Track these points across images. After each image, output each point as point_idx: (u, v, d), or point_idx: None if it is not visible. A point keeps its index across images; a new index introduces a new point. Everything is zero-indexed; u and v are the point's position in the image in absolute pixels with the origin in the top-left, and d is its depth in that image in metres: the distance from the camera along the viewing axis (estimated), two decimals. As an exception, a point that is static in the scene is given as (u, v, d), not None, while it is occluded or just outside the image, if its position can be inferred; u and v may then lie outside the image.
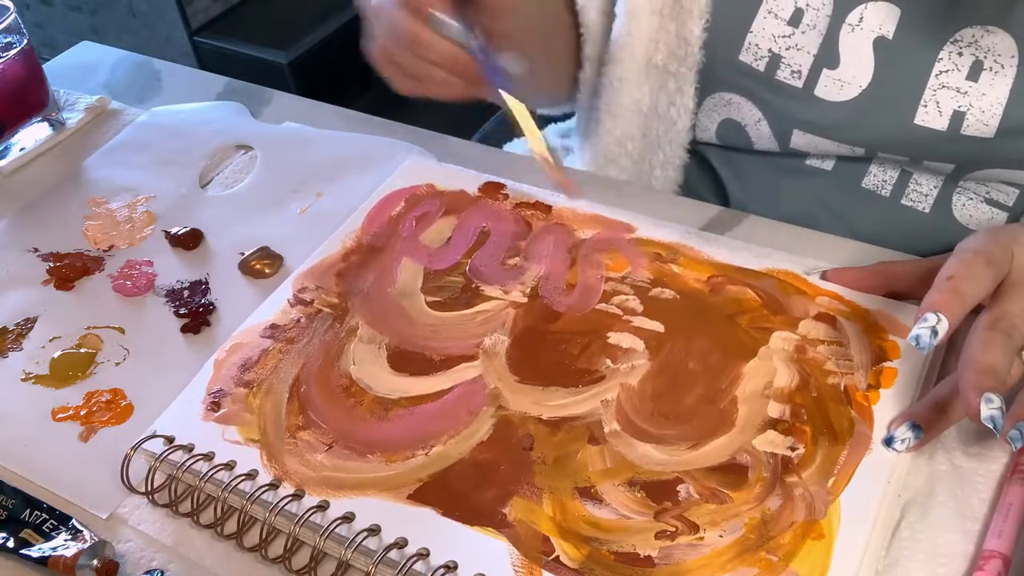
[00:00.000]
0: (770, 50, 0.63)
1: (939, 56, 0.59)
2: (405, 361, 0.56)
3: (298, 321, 0.59)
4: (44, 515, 0.51)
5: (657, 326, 0.56)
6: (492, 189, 0.67)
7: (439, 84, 0.61)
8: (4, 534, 0.50)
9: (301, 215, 0.69)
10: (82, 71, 0.89)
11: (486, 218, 0.65)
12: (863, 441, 0.48)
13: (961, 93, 0.59)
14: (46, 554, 0.49)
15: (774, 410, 0.50)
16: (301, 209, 0.70)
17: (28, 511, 0.51)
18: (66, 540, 0.49)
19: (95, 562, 0.48)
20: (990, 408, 0.43)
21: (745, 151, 0.70)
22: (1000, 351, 0.45)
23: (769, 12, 0.63)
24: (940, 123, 0.60)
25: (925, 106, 0.60)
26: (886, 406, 0.50)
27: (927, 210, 0.65)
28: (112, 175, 0.76)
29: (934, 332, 0.46)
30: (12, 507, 0.52)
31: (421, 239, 0.64)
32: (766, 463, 0.48)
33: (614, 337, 0.55)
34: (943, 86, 0.59)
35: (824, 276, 0.57)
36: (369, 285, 0.61)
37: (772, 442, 0.49)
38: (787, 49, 0.63)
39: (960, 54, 0.59)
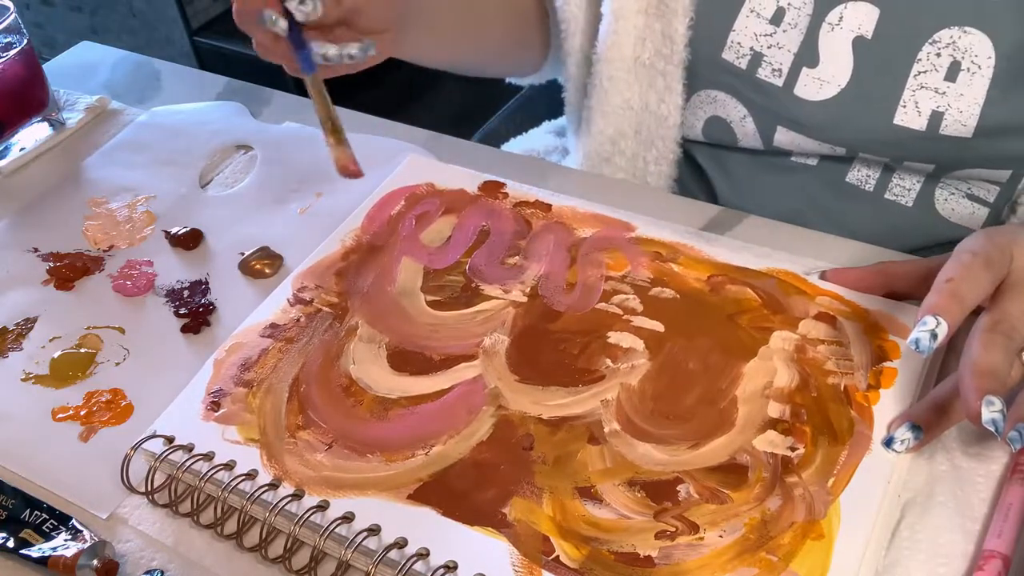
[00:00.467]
0: (752, 48, 0.64)
1: (918, 56, 0.60)
2: (405, 361, 0.56)
3: (298, 320, 0.59)
4: (44, 515, 0.51)
5: (657, 326, 0.56)
6: (492, 188, 0.67)
7: (266, 51, 0.59)
8: (4, 534, 0.50)
9: (301, 215, 0.69)
10: (82, 71, 0.89)
11: (486, 217, 0.65)
12: (863, 441, 0.48)
13: (939, 93, 0.59)
14: (46, 554, 0.49)
15: (774, 410, 0.50)
16: (301, 209, 0.70)
17: (28, 511, 0.51)
18: (66, 540, 0.49)
19: (95, 562, 0.48)
20: (991, 411, 0.43)
21: (731, 148, 0.71)
22: (1000, 353, 0.45)
23: (752, 11, 0.64)
24: (919, 123, 0.60)
25: (904, 106, 0.61)
26: (886, 406, 0.50)
27: (910, 204, 0.66)
28: (112, 175, 0.76)
29: (933, 336, 0.46)
30: (12, 507, 0.52)
31: (421, 238, 0.64)
32: (766, 463, 0.48)
33: (614, 337, 0.55)
34: (921, 86, 0.60)
35: (824, 276, 0.57)
36: (369, 284, 0.61)
37: (772, 442, 0.49)
38: (768, 48, 0.64)
39: (938, 55, 0.59)
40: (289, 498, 0.49)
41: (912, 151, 0.63)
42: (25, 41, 0.76)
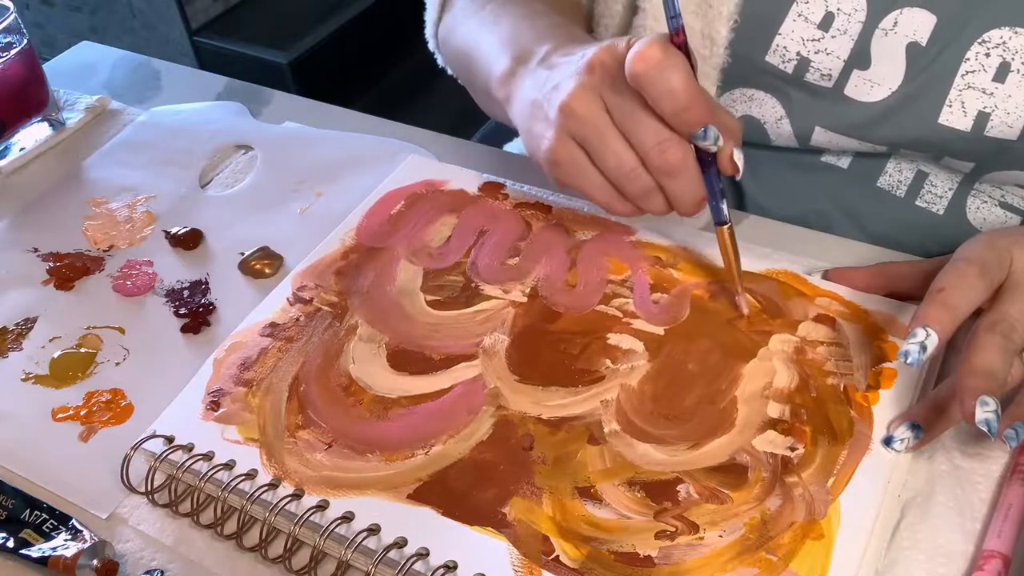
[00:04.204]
0: (798, 53, 0.62)
1: (966, 56, 0.58)
2: (405, 360, 0.56)
3: (297, 320, 0.59)
4: (44, 515, 0.51)
5: (656, 329, 0.56)
6: (492, 189, 0.67)
7: (654, 206, 0.54)
8: (4, 534, 0.50)
9: (301, 215, 0.69)
10: (82, 71, 0.89)
11: (486, 218, 0.65)
12: (863, 441, 0.48)
13: (987, 94, 0.58)
14: (46, 554, 0.49)
15: (774, 410, 0.50)
16: (301, 209, 0.70)
17: (28, 511, 0.51)
18: (66, 540, 0.49)
19: (95, 562, 0.48)
20: (984, 411, 0.43)
21: (759, 146, 0.70)
22: (997, 353, 0.45)
23: (799, 15, 0.61)
24: (964, 123, 0.59)
25: (950, 106, 0.59)
26: (885, 406, 0.50)
27: (941, 212, 0.65)
28: (112, 175, 0.76)
29: (923, 348, 0.46)
30: (12, 507, 0.52)
31: (421, 238, 0.64)
32: (766, 463, 0.48)
33: (614, 338, 0.55)
34: (969, 86, 0.58)
35: (826, 276, 0.57)
36: (369, 284, 0.61)
37: (772, 442, 0.49)
38: (816, 53, 0.62)
39: (987, 55, 0.58)
40: (289, 498, 0.49)
41: (954, 150, 0.61)
42: (25, 41, 0.76)
